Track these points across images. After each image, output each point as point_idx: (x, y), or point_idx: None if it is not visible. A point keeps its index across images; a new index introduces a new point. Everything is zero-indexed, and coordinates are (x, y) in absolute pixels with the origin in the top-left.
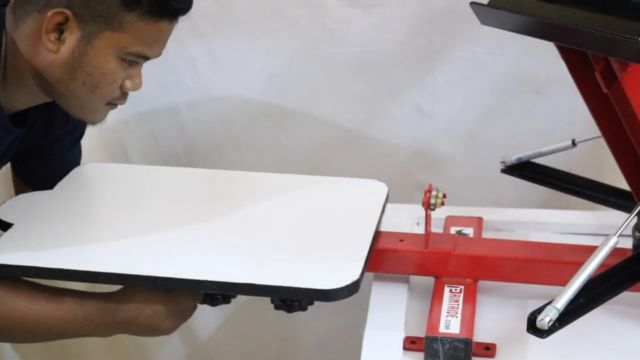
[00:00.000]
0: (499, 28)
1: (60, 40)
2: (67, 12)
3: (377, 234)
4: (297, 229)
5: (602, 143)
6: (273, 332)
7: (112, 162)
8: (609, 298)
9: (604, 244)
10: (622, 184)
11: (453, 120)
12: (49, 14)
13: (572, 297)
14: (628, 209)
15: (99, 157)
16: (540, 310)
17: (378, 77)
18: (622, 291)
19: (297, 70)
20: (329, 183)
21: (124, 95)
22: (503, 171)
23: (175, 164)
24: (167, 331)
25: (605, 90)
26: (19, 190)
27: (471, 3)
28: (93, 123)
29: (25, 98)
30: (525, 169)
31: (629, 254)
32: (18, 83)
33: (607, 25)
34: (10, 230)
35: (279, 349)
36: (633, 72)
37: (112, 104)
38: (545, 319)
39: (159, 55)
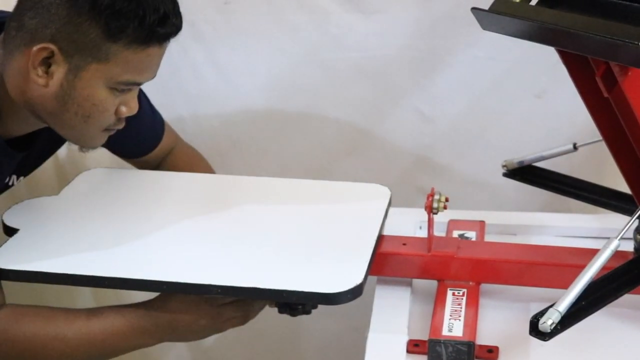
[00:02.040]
0: (500, 33)
1: (48, 74)
2: (52, 46)
3: (380, 238)
4: (300, 233)
5: (603, 146)
6: (277, 335)
7: (117, 167)
8: (611, 301)
9: (605, 247)
10: (623, 187)
11: (455, 125)
12: (34, 49)
13: (574, 300)
14: (629, 212)
15: (104, 162)
16: (542, 313)
17: (380, 82)
18: (623, 294)
19: (299, 75)
20: (331, 187)
21: (120, 121)
22: (505, 175)
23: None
24: (212, 331)
25: (605, 94)
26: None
27: (472, 8)
28: (93, 148)
29: (23, 126)
30: (526, 173)
31: (631, 257)
32: (14, 113)
33: (608, 30)
34: (15, 236)
35: (283, 352)
36: (633, 76)
37: (109, 130)
38: (548, 322)
39: (152, 78)
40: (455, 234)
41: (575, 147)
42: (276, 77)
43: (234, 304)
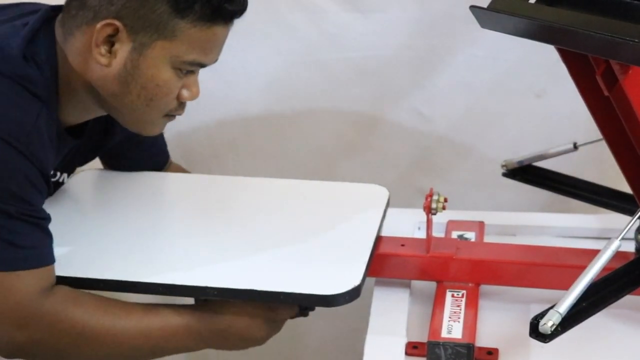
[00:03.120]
0: (499, 31)
1: (111, 53)
2: (117, 23)
3: (379, 239)
4: (298, 234)
5: (604, 146)
6: (274, 337)
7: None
8: (612, 302)
9: (606, 247)
10: (624, 187)
11: (454, 125)
12: (98, 26)
13: (575, 301)
14: (630, 212)
15: (97, 163)
16: (542, 314)
17: (378, 83)
18: (624, 295)
19: (297, 76)
20: (329, 188)
21: (181, 106)
22: (505, 175)
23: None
24: (260, 341)
25: (606, 93)
26: None
27: (471, 7)
28: (151, 135)
29: (80, 114)
30: (526, 173)
31: (632, 258)
32: (72, 99)
33: (608, 28)
34: None
35: (281, 354)
36: (634, 74)
37: (169, 116)
38: (548, 324)
39: (215, 61)
40: (454, 234)
41: (575, 147)
42: (273, 77)
43: (283, 318)
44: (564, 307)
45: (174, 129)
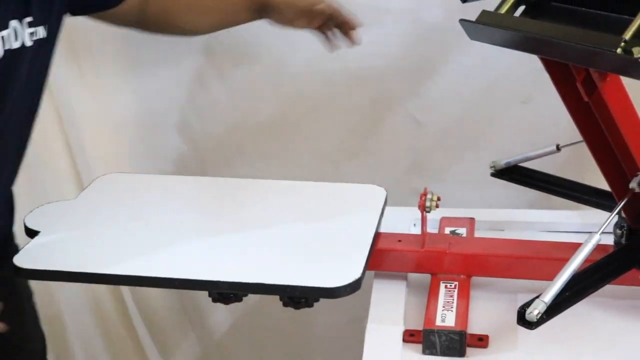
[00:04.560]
0: (486, 43)
1: None
2: None
3: (377, 235)
4: (302, 232)
5: (585, 148)
6: (282, 327)
7: (131, 172)
8: (593, 291)
9: (587, 241)
10: (603, 185)
11: (446, 129)
12: None
13: (559, 291)
14: (609, 208)
15: (118, 168)
16: (529, 303)
17: (375, 91)
18: (604, 285)
19: (301, 85)
20: (331, 189)
21: None
22: (493, 175)
23: (188, 173)
24: None
25: (586, 99)
26: None
27: (460, 20)
28: None
29: None
30: (513, 173)
31: (611, 250)
32: None
33: (587, 39)
34: (37, 237)
35: (288, 343)
36: (611, 81)
37: None
38: (534, 312)
39: None
40: (447, 230)
41: (558, 149)
42: (279, 87)
43: None
44: (549, 296)
45: (187, 135)
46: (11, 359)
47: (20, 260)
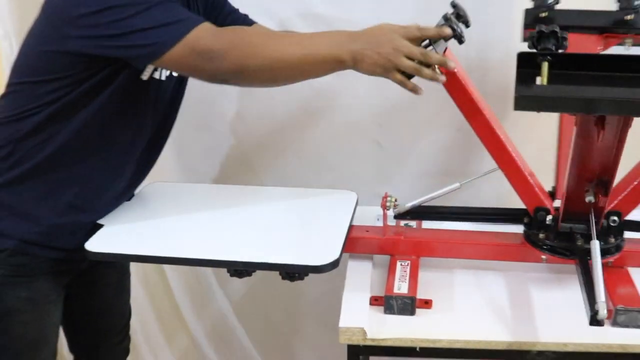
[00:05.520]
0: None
1: None
2: None
3: (350, 227)
4: (295, 225)
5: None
6: (281, 294)
7: (173, 181)
8: None
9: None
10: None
11: (400, 150)
12: None
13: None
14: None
15: (160, 178)
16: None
17: (349, 122)
18: None
19: (292, 117)
20: (316, 193)
21: None
22: (396, 218)
23: (210, 182)
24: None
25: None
26: None
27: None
28: None
29: None
30: (416, 213)
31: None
32: None
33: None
34: (101, 230)
35: (285, 305)
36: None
37: None
38: (603, 312)
39: None
40: (402, 223)
41: (460, 185)
42: (274, 117)
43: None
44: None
45: (210, 155)
46: (115, 323)
47: (91, 245)
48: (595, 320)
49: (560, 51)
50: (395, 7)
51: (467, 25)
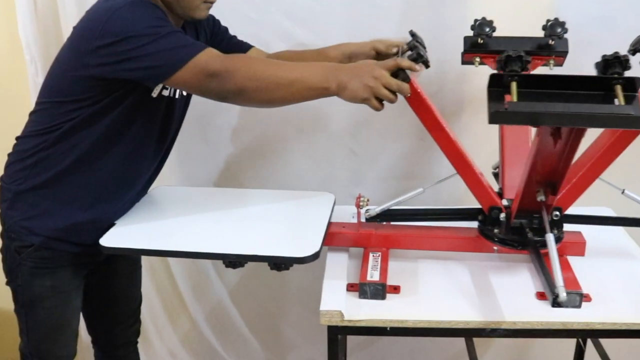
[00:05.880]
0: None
1: None
2: None
3: (329, 224)
4: (282, 222)
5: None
6: (269, 282)
7: (177, 185)
8: None
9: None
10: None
11: (372, 158)
12: None
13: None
14: (469, 219)
15: (165, 183)
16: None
17: (328, 132)
18: None
19: (279, 134)
20: (299, 195)
21: None
22: (367, 220)
23: (209, 186)
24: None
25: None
26: None
27: (492, 112)
28: (199, 18)
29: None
30: (385, 215)
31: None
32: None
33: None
34: (114, 227)
35: (273, 292)
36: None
37: (207, 2)
38: (563, 294)
39: None
40: None
41: (423, 190)
42: (264, 131)
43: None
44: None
45: (210, 161)
46: (128, 308)
47: (105, 241)
48: (556, 303)
49: (523, 72)
50: (364, 36)
51: (426, 66)
